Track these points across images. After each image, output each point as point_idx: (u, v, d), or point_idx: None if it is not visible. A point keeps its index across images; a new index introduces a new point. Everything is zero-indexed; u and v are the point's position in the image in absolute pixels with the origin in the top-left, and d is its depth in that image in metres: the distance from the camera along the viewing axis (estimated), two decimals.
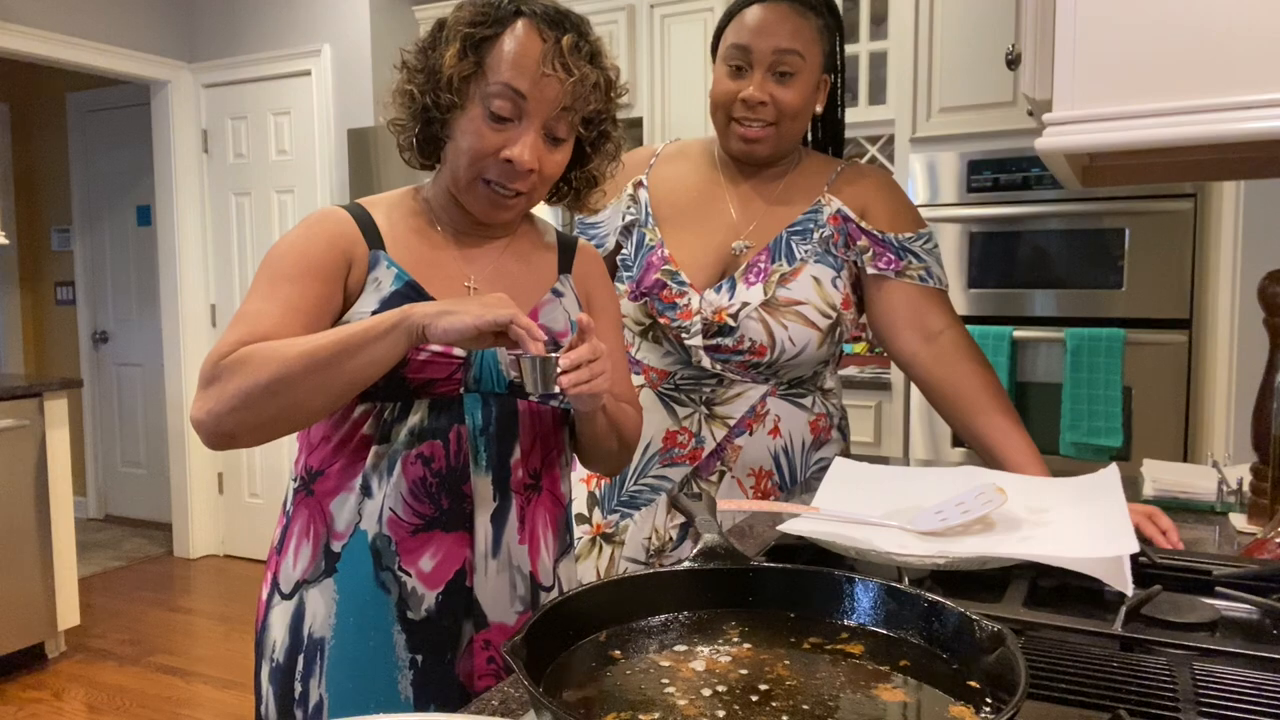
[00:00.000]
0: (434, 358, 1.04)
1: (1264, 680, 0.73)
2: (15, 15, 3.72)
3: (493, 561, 1.08)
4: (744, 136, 1.41)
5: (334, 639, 1.05)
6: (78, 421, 5.17)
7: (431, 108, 1.06)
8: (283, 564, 1.09)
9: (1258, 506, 1.24)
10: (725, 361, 1.43)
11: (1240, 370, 2.39)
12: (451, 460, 1.06)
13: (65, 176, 5.22)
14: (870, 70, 3.27)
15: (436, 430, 1.05)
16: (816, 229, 1.44)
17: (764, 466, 1.46)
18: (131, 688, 3.16)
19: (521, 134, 1.03)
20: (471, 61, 1.03)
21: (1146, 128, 0.90)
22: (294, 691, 1.06)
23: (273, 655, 1.08)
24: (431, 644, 1.06)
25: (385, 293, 1.05)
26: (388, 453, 1.05)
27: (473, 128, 1.04)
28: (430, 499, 1.05)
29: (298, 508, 1.09)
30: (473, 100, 1.04)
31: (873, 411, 3.04)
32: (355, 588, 1.05)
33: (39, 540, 3.23)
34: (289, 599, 1.08)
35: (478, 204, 1.08)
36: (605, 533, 1.49)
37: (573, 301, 1.18)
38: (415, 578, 1.05)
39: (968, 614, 0.69)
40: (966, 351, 1.40)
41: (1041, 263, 2.72)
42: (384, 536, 1.05)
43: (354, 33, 4.06)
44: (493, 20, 1.04)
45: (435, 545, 1.06)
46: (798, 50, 1.38)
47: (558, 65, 1.02)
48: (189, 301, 4.47)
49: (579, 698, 0.66)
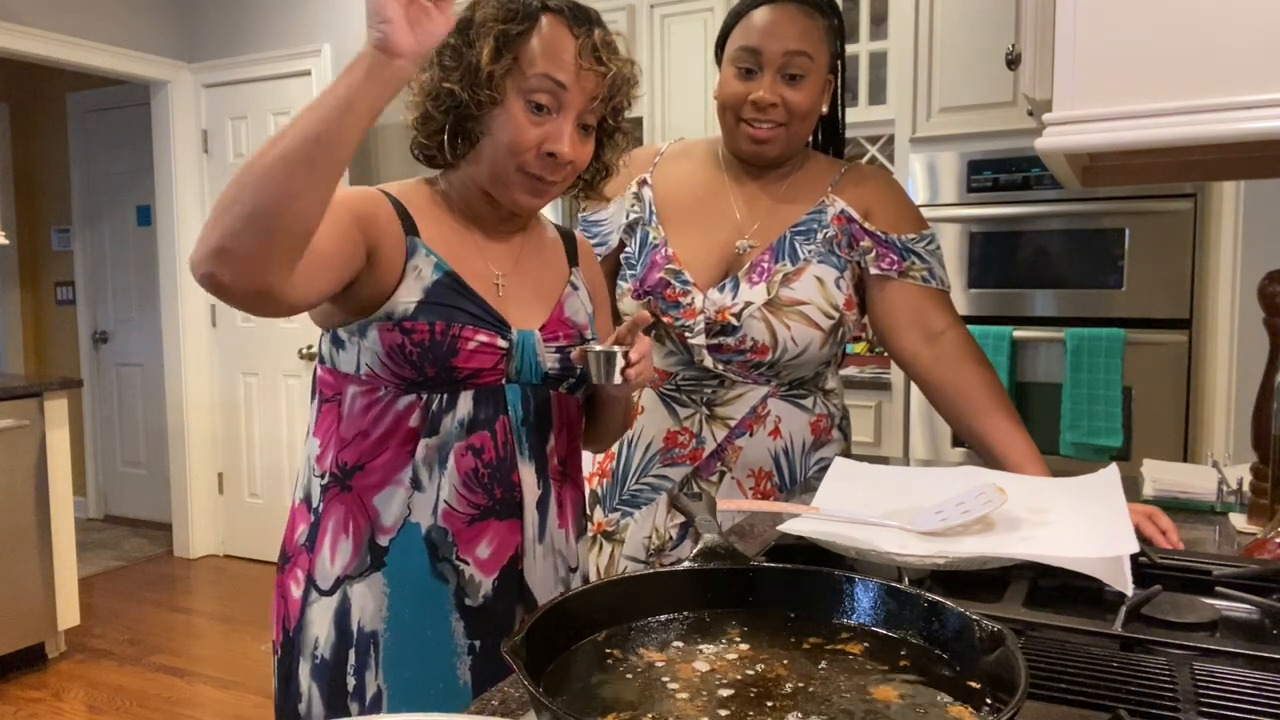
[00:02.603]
0: (482, 347, 1.06)
1: (1264, 680, 0.73)
2: (15, 15, 3.72)
3: (539, 546, 1.13)
4: (754, 137, 1.41)
5: (389, 631, 1.07)
6: (78, 421, 5.16)
7: (468, 104, 1.07)
8: (318, 561, 1.09)
9: (1258, 506, 1.24)
10: (727, 362, 1.43)
11: (1240, 370, 2.39)
12: (500, 450, 1.09)
13: (65, 176, 5.22)
14: (870, 70, 3.27)
15: (484, 421, 1.08)
16: (820, 229, 1.44)
17: (764, 467, 1.46)
18: (131, 688, 3.16)
19: (560, 126, 1.07)
20: (509, 59, 1.05)
21: (1146, 128, 0.90)
22: (346, 686, 1.07)
23: (315, 652, 1.08)
24: (489, 629, 1.09)
25: (427, 282, 1.06)
26: (438, 444, 1.06)
27: (512, 121, 1.06)
28: (484, 489, 1.08)
29: (330, 504, 1.09)
30: (509, 95, 1.06)
31: (873, 411, 3.04)
32: (409, 580, 1.07)
33: (39, 540, 3.23)
34: (329, 595, 1.08)
35: (516, 193, 1.10)
36: (606, 531, 1.50)
37: (585, 294, 1.23)
38: (473, 565, 1.08)
39: (968, 614, 0.69)
40: (968, 352, 1.40)
41: (1041, 263, 2.72)
42: (439, 529, 1.07)
43: (354, 33, 4.05)
44: (522, 16, 1.06)
45: (491, 533, 1.09)
46: (807, 52, 1.38)
47: (593, 59, 1.06)
48: (189, 301, 4.47)
49: (579, 698, 0.66)
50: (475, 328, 1.06)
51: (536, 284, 1.17)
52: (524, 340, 1.10)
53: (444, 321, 1.04)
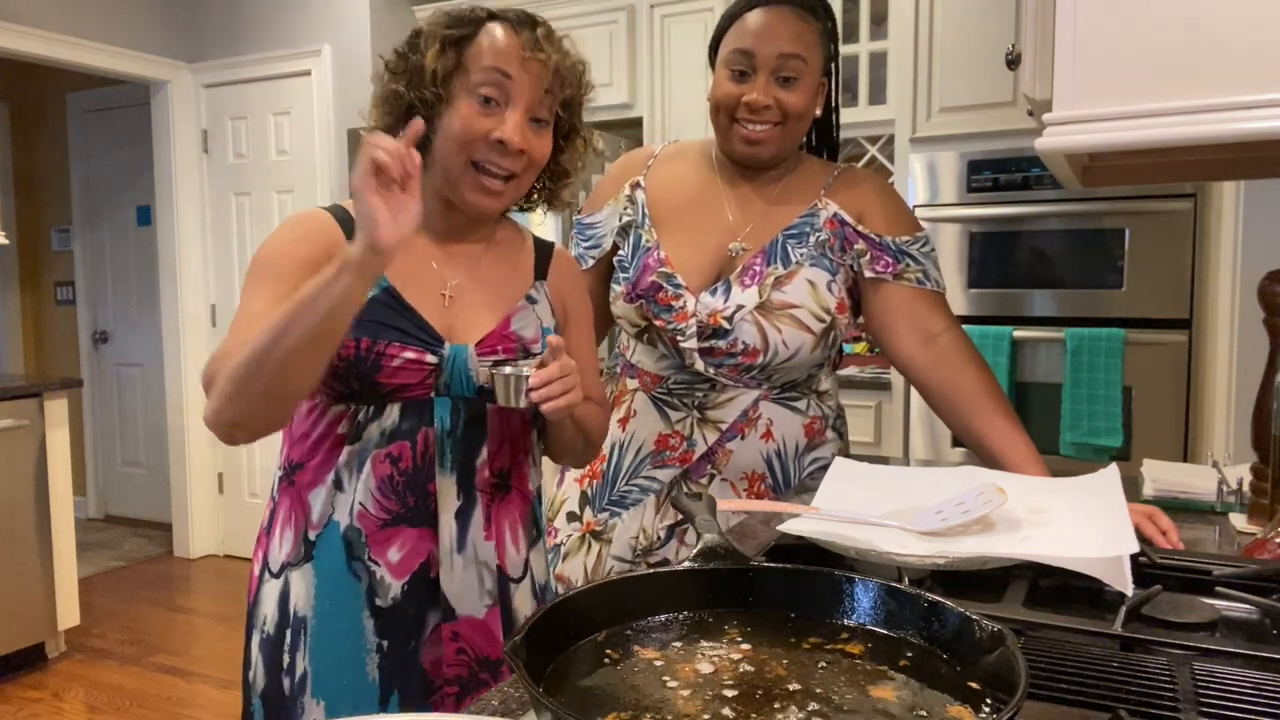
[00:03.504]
0: (407, 364, 1.09)
1: (1264, 680, 0.73)
2: (15, 15, 3.72)
3: (458, 557, 1.14)
4: (747, 138, 1.41)
5: (314, 618, 1.12)
6: (78, 421, 5.16)
7: (417, 106, 1.10)
8: (270, 546, 1.17)
9: (1258, 506, 1.24)
10: (718, 365, 1.43)
11: (1240, 370, 2.39)
12: (418, 460, 1.12)
13: (65, 176, 5.22)
14: (870, 70, 3.27)
15: (405, 432, 1.11)
16: (813, 232, 1.44)
17: (756, 470, 1.46)
18: (131, 688, 3.16)
19: (508, 115, 1.09)
20: (453, 57, 1.09)
21: (1146, 128, 0.90)
22: (282, 662, 1.14)
23: (263, 628, 1.16)
24: (397, 630, 1.12)
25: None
26: (358, 451, 1.11)
27: (460, 116, 1.09)
28: (397, 496, 1.11)
29: (281, 495, 1.17)
30: (457, 94, 1.10)
31: (873, 411, 3.04)
32: (330, 574, 1.12)
33: (39, 540, 3.23)
34: (276, 578, 1.15)
35: (469, 193, 1.12)
36: (595, 530, 1.50)
37: (545, 308, 1.23)
38: (384, 567, 1.12)
39: (968, 614, 0.69)
40: (965, 353, 1.40)
41: (1041, 263, 2.72)
42: (354, 528, 1.11)
43: (354, 33, 4.06)
44: (469, 21, 1.11)
45: (402, 539, 1.12)
46: (801, 55, 1.38)
47: (535, 50, 1.09)
48: (189, 301, 4.47)
49: (579, 698, 0.66)
50: (402, 344, 1.09)
51: (493, 295, 1.18)
52: (456, 355, 1.12)
53: (370, 338, 1.08)
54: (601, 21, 3.62)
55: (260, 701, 1.15)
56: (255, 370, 0.97)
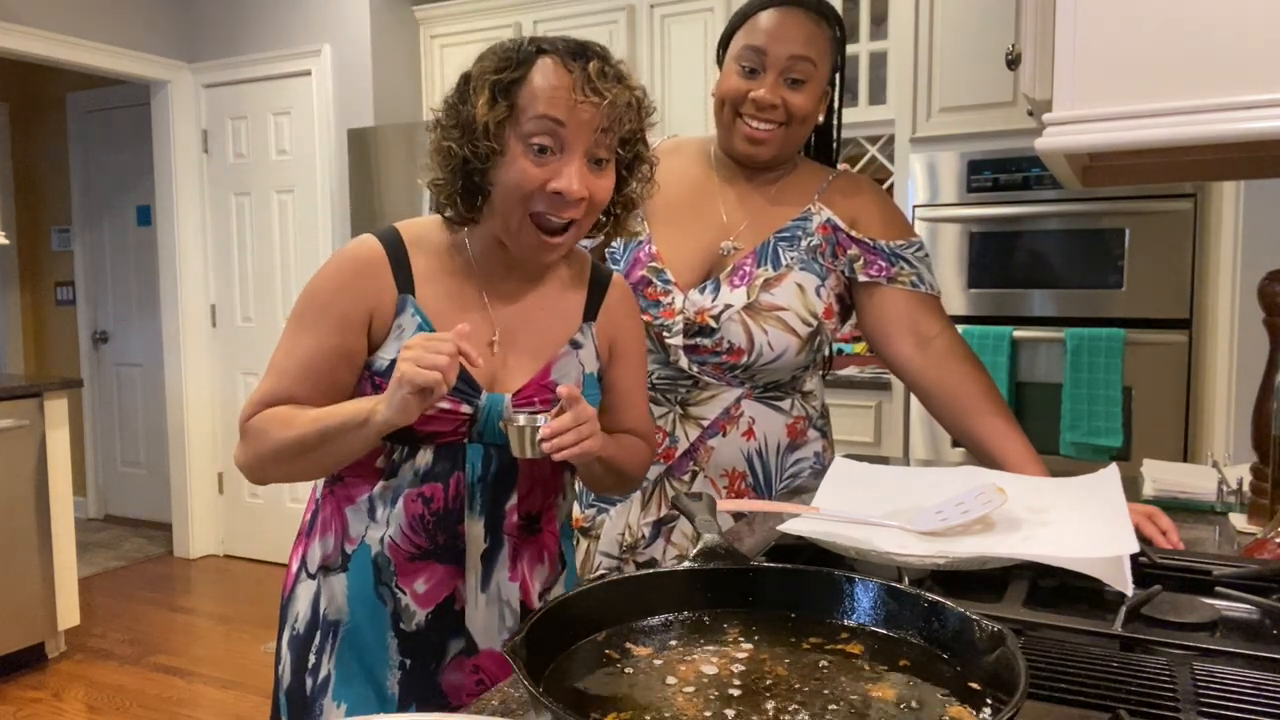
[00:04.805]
0: (441, 414, 1.08)
1: (1264, 680, 0.73)
2: (15, 15, 3.72)
3: (482, 595, 1.15)
4: (751, 136, 1.41)
5: (343, 626, 1.14)
6: (78, 421, 5.16)
7: (471, 159, 1.06)
8: (310, 547, 1.18)
9: (1258, 506, 1.24)
10: (702, 363, 1.43)
11: (1240, 370, 2.39)
12: (449, 503, 1.12)
13: (65, 176, 5.22)
14: (870, 70, 3.27)
15: (438, 474, 1.12)
16: (804, 237, 1.44)
17: (737, 467, 1.46)
18: (131, 688, 3.16)
19: (565, 164, 1.04)
20: (504, 106, 1.04)
21: (1146, 128, 0.90)
22: (308, 662, 1.15)
23: (294, 625, 1.18)
24: (419, 651, 1.14)
25: (408, 340, 1.06)
26: (393, 486, 1.12)
27: (516, 167, 1.04)
28: (427, 534, 1.12)
29: (325, 498, 1.18)
30: (511, 144, 1.04)
31: (873, 411, 3.04)
32: (360, 589, 1.14)
33: (39, 540, 3.23)
34: (312, 579, 1.17)
35: (527, 247, 1.09)
36: (583, 527, 1.51)
37: (590, 352, 1.19)
38: (409, 596, 1.13)
39: (968, 614, 0.69)
40: (961, 355, 1.40)
41: (1041, 263, 2.72)
42: (384, 556, 1.13)
43: (354, 33, 4.06)
44: (517, 63, 1.05)
45: (429, 572, 1.13)
46: (811, 58, 1.38)
47: (588, 91, 1.03)
48: (189, 301, 4.47)
49: (579, 698, 0.66)
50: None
51: (538, 341, 1.16)
52: (491, 405, 1.10)
53: None
54: (601, 21, 3.62)
55: (285, 699, 1.17)
56: (283, 462, 1.07)
